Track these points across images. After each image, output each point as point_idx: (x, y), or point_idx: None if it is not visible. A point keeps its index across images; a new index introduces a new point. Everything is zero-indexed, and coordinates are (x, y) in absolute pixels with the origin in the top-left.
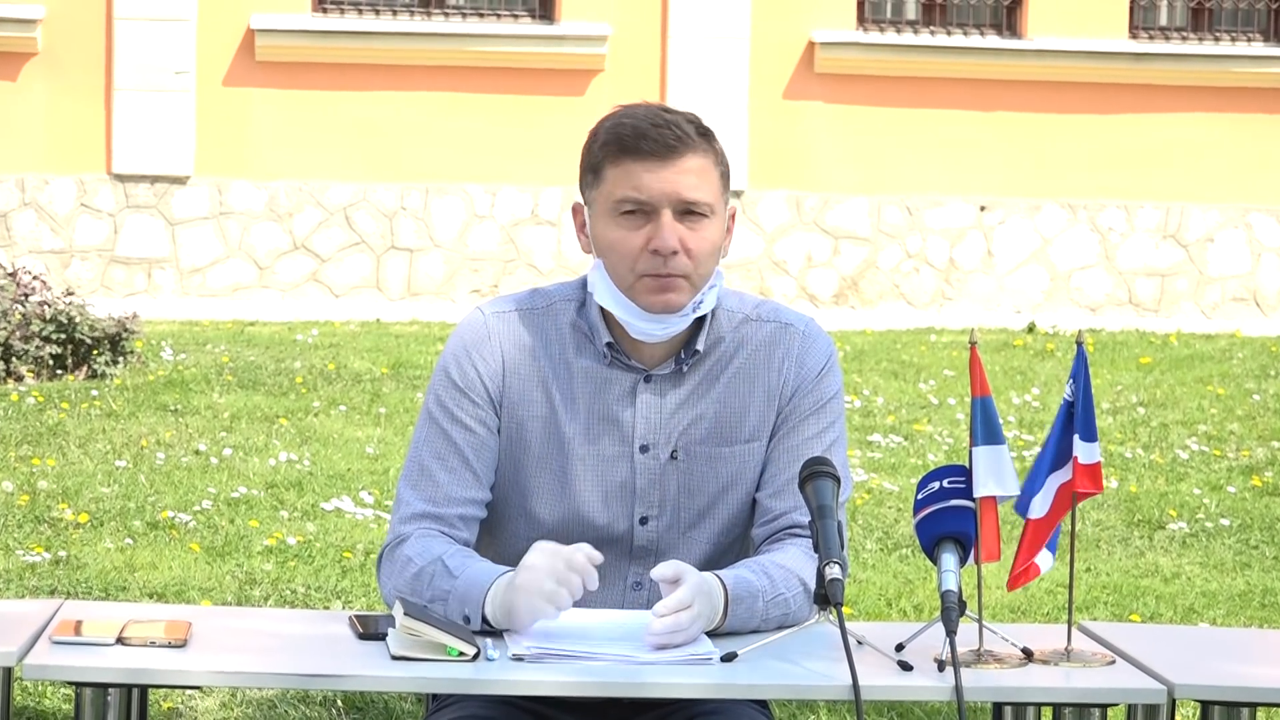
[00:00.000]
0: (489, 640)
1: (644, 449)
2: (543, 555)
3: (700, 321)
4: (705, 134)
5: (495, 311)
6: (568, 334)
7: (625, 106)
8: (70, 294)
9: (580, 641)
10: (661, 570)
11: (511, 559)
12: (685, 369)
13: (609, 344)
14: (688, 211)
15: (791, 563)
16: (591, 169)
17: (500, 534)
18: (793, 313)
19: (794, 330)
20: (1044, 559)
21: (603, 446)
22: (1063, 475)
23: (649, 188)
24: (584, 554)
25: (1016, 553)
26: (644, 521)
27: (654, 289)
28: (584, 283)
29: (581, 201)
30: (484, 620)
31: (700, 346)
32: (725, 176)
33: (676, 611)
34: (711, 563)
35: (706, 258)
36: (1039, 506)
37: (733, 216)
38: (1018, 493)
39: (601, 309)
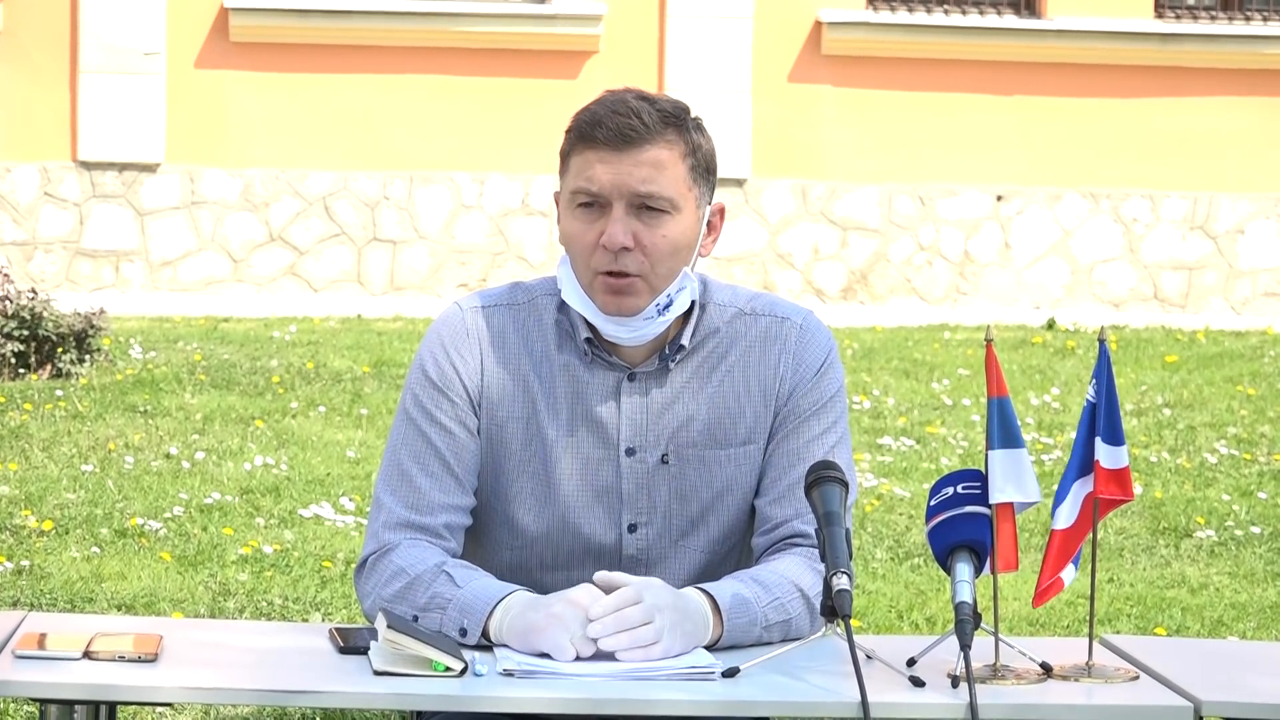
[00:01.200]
0: (477, 655)
1: (630, 452)
2: (588, 596)
3: (686, 315)
4: (675, 123)
5: (474, 307)
6: (550, 330)
7: (607, 92)
8: (34, 289)
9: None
10: (604, 576)
11: (494, 568)
12: (671, 366)
13: (588, 340)
14: (644, 206)
15: (787, 570)
16: (561, 157)
17: (483, 542)
18: (789, 305)
19: (790, 324)
20: (1066, 572)
21: (586, 449)
22: (1088, 484)
23: (600, 179)
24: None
25: (1042, 566)
26: (632, 529)
27: (608, 290)
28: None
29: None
30: (482, 634)
31: (685, 342)
32: (701, 169)
33: (618, 609)
34: (707, 573)
35: (666, 256)
36: (1064, 516)
37: (720, 213)
38: (1039, 499)
39: None
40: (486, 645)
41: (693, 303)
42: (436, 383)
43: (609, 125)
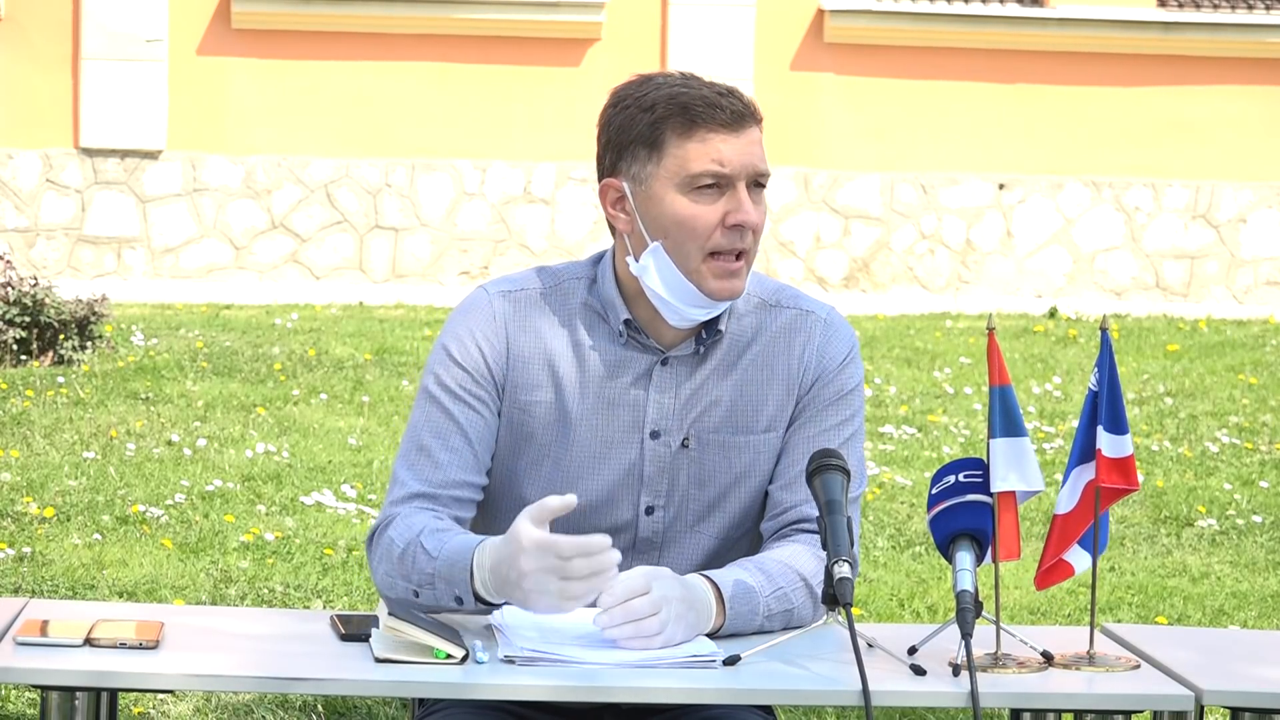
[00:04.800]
0: (479, 643)
1: (655, 435)
2: (530, 562)
3: None
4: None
5: (500, 292)
6: (578, 314)
7: (657, 75)
8: (36, 276)
9: (574, 646)
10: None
11: None
12: (703, 350)
13: (627, 321)
14: (754, 184)
15: (791, 558)
16: (646, 143)
17: (500, 522)
18: (813, 300)
19: (815, 318)
20: (1079, 559)
21: (611, 431)
22: (1089, 470)
23: (731, 160)
24: (566, 542)
25: (1044, 550)
26: (650, 511)
27: (723, 274)
28: (595, 260)
29: (615, 179)
30: (479, 599)
31: (722, 328)
32: None
33: (626, 600)
34: (718, 558)
35: (761, 234)
36: (1064, 502)
37: None
38: (1041, 488)
39: (618, 285)
40: (491, 605)
41: None
42: (460, 362)
43: (724, 107)
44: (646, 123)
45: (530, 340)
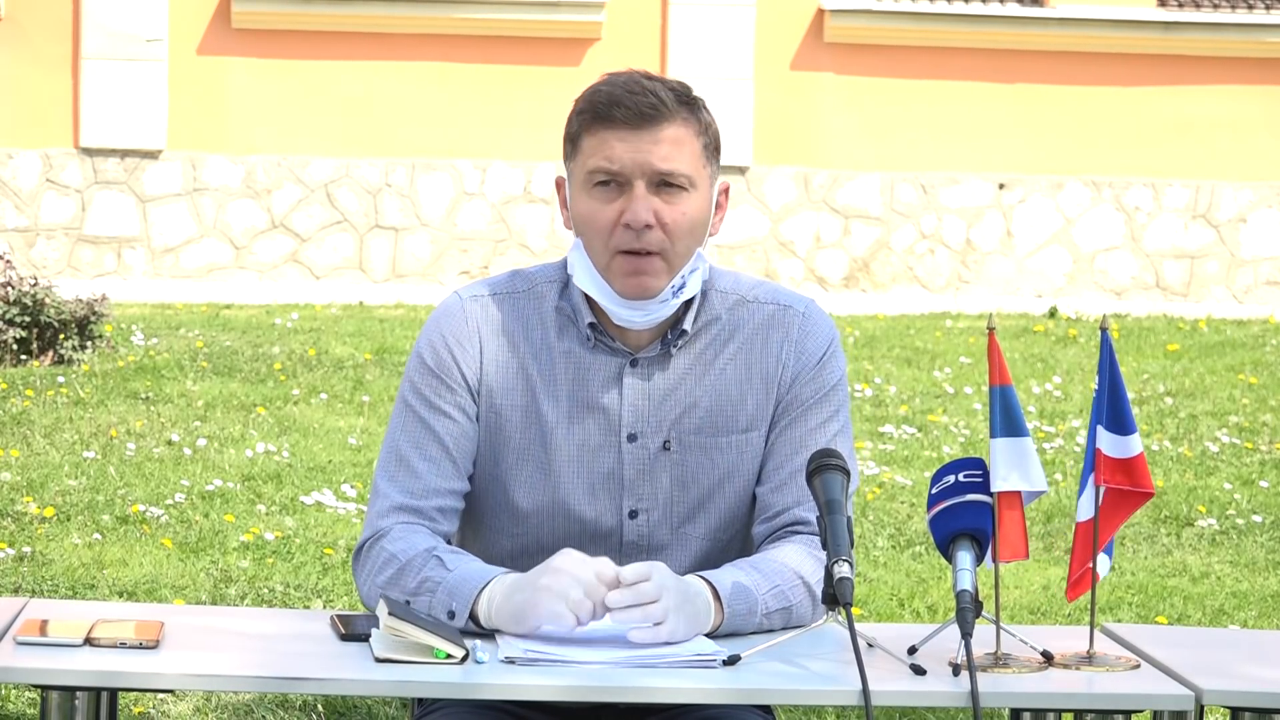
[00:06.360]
0: (479, 642)
1: (631, 438)
2: (572, 562)
3: (689, 301)
4: (687, 102)
5: (473, 296)
6: (550, 317)
7: (610, 74)
8: (36, 276)
9: (574, 646)
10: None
11: (494, 555)
12: (673, 351)
13: (591, 325)
14: (664, 183)
15: (789, 558)
16: (570, 139)
17: (482, 529)
18: (791, 294)
19: (793, 312)
20: (1100, 563)
21: (587, 435)
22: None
23: (621, 157)
24: (613, 569)
25: (1071, 560)
26: (633, 515)
27: (628, 270)
28: (566, 262)
29: (561, 178)
30: (471, 618)
31: (688, 327)
32: (711, 148)
33: (635, 583)
34: (709, 560)
35: (684, 234)
36: (1083, 509)
37: (725, 192)
38: (1045, 488)
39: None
40: (476, 631)
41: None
42: (435, 370)
43: (627, 104)
44: (572, 121)
45: (504, 345)
